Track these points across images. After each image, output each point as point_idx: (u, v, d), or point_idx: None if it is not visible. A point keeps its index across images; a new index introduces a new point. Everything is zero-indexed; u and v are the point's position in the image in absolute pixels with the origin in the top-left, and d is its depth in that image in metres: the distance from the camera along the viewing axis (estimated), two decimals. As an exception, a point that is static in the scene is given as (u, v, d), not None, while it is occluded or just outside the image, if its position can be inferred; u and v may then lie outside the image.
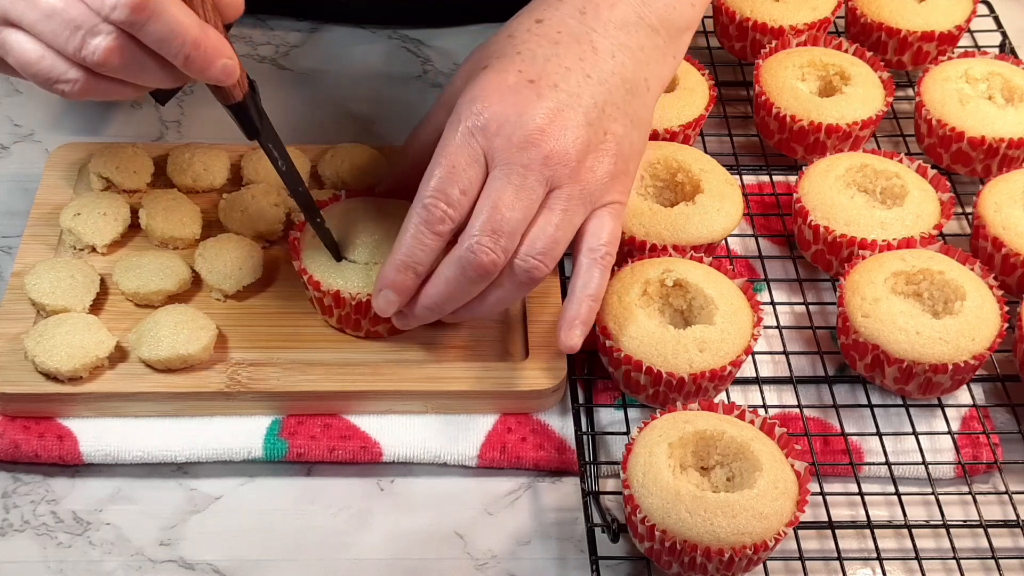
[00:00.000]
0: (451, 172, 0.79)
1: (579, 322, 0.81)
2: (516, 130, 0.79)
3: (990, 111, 0.99)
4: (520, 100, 0.80)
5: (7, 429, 0.82)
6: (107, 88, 0.72)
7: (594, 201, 0.82)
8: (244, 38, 1.14)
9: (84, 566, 0.78)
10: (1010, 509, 0.82)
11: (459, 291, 0.81)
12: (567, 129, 0.80)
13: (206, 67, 0.71)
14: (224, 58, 0.72)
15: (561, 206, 0.80)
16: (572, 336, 0.80)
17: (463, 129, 0.80)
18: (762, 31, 1.08)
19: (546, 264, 0.80)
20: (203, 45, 0.70)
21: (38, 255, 0.90)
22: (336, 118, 1.07)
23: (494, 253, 0.78)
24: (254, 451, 0.82)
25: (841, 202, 0.93)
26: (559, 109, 0.80)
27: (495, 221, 0.78)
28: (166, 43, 0.70)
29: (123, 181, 0.95)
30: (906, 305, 0.86)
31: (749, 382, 0.88)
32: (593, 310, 0.82)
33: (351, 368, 0.85)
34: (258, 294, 0.90)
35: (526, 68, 0.82)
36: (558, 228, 0.80)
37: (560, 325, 0.81)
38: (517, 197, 0.79)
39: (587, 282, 0.82)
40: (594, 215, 0.83)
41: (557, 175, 0.80)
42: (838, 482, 0.84)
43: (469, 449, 0.83)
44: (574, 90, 0.82)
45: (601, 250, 0.82)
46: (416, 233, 0.80)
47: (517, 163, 0.79)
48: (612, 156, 0.82)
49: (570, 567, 0.79)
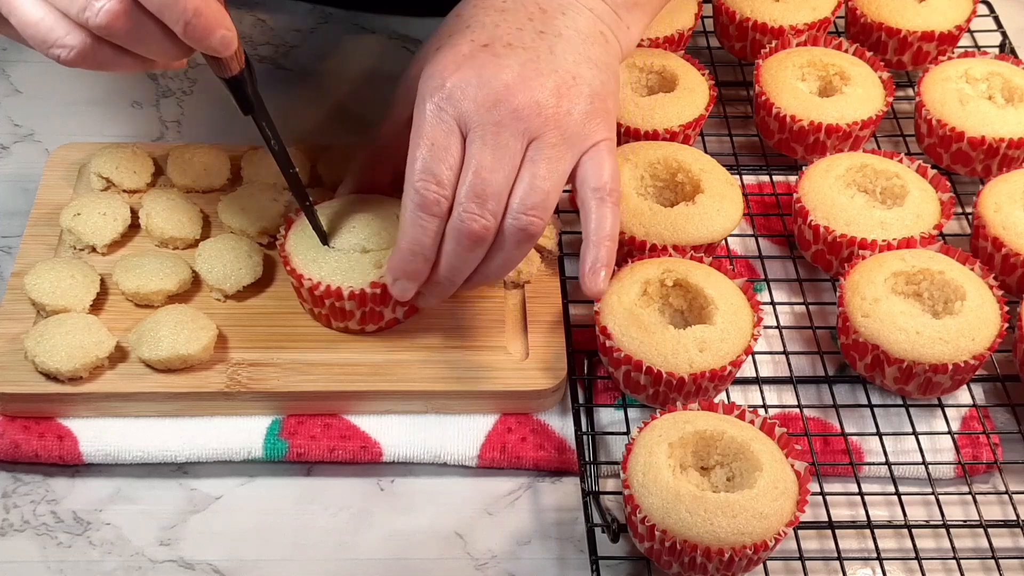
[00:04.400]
0: (432, 151, 0.79)
1: (601, 265, 0.80)
2: (480, 91, 0.79)
3: (990, 111, 0.99)
4: (478, 63, 0.80)
5: (7, 429, 0.82)
6: (104, 57, 0.72)
7: (580, 143, 0.81)
8: (244, 38, 1.13)
9: (84, 566, 0.78)
10: (1010, 509, 0.82)
11: (461, 261, 0.80)
12: (531, 79, 0.80)
13: (206, 36, 0.71)
14: (223, 29, 0.72)
15: (544, 155, 0.80)
16: (597, 281, 0.80)
17: (430, 106, 0.80)
18: (762, 31, 1.08)
19: (539, 217, 0.79)
20: (204, 13, 0.70)
21: (38, 255, 0.90)
22: (336, 118, 1.07)
23: (483, 218, 0.78)
24: (254, 451, 0.82)
25: (841, 202, 0.93)
26: (520, 63, 0.80)
27: (478, 186, 0.78)
28: (169, 8, 0.70)
29: (123, 181, 0.95)
30: (906, 305, 0.86)
31: (749, 382, 0.88)
32: (612, 251, 0.81)
33: (351, 368, 0.85)
34: (258, 294, 0.90)
35: (477, 36, 0.82)
36: (545, 179, 0.79)
37: (582, 272, 0.80)
38: (496, 157, 0.78)
39: (600, 223, 0.81)
40: (587, 156, 0.82)
41: (533, 126, 0.79)
42: (838, 482, 0.84)
43: (469, 449, 0.83)
44: (529, 45, 0.81)
45: (607, 187, 0.81)
46: (414, 219, 0.79)
47: (489, 122, 0.78)
48: (586, 96, 0.81)
49: (570, 567, 0.79)
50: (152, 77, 1.09)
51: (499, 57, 0.80)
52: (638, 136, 0.97)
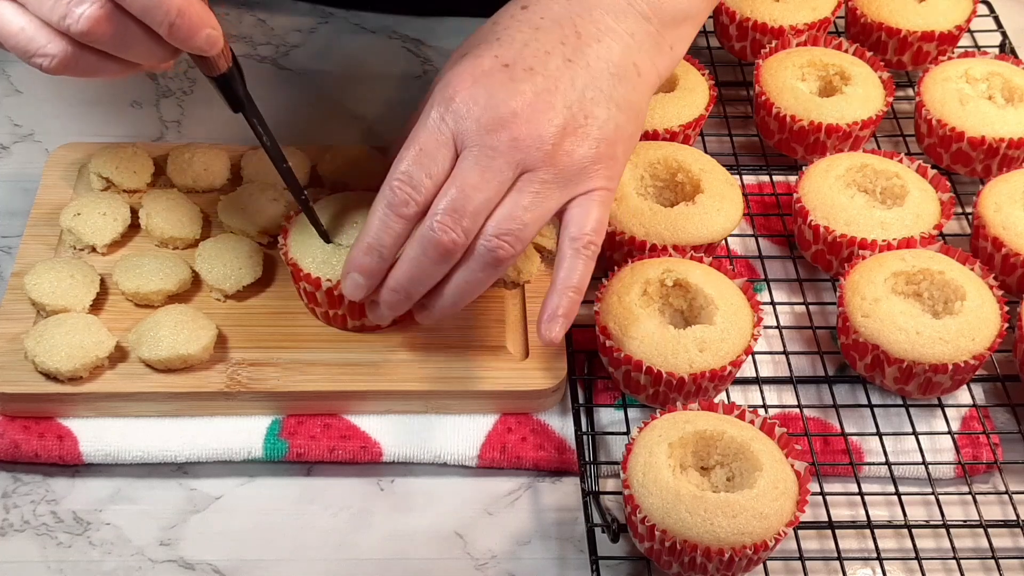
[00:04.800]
0: (418, 156, 0.78)
1: (560, 315, 0.78)
2: (485, 112, 0.78)
3: (990, 111, 0.99)
4: (492, 83, 0.79)
5: (7, 429, 0.82)
6: (87, 64, 0.71)
7: (573, 186, 0.80)
8: (244, 38, 1.14)
9: (84, 566, 0.78)
10: (1010, 509, 0.82)
11: (422, 272, 0.79)
12: (541, 112, 0.79)
13: (191, 36, 0.71)
14: (208, 28, 0.72)
15: (532, 188, 0.78)
16: (552, 329, 0.78)
17: (434, 113, 0.79)
18: (762, 31, 1.08)
19: (511, 245, 0.78)
20: (187, 13, 0.70)
21: (38, 255, 0.90)
22: (336, 118, 1.07)
23: (454, 232, 0.77)
24: (254, 451, 0.82)
25: (841, 202, 0.93)
26: (535, 92, 0.79)
27: (458, 201, 0.77)
28: (151, 11, 0.69)
29: (123, 181, 0.95)
30: (906, 305, 0.86)
31: (749, 382, 0.88)
32: (575, 302, 0.79)
33: (351, 368, 0.85)
34: (258, 294, 0.90)
35: (502, 53, 0.81)
36: (526, 210, 0.78)
37: (540, 318, 0.79)
38: (483, 179, 0.77)
39: (569, 274, 0.79)
40: (576, 202, 0.80)
41: (529, 158, 0.78)
42: (838, 482, 0.84)
43: (469, 449, 0.83)
44: (552, 73, 0.80)
45: (584, 239, 0.79)
46: (382, 216, 0.79)
47: (486, 145, 0.77)
48: (594, 140, 0.80)
49: (570, 567, 0.79)
50: (152, 77, 1.09)
51: (515, 81, 0.79)
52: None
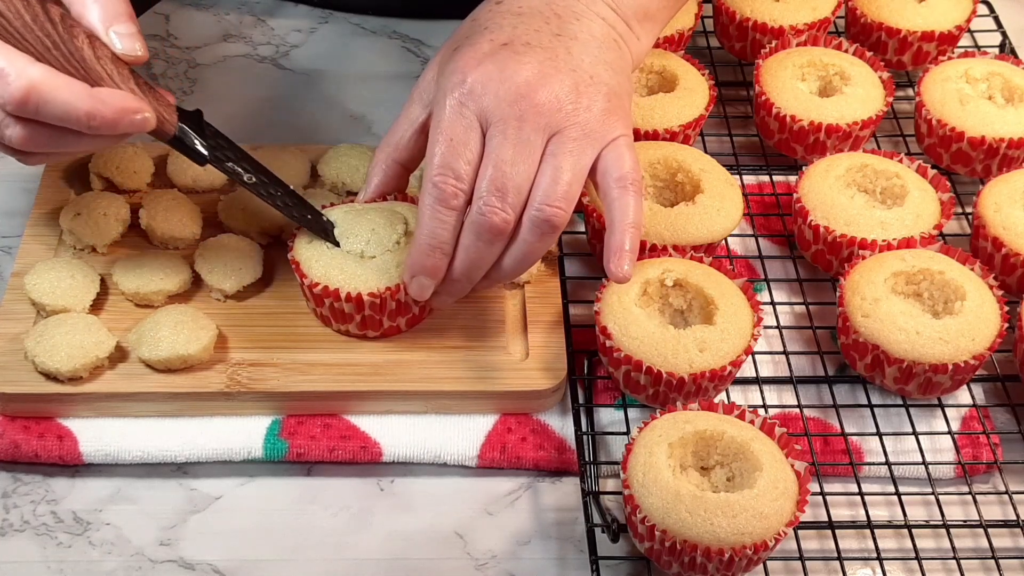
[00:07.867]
0: (451, 145, 0.79)
1: (627, 250, 0.80)
2: (502, 86, 0.80)
3: (990, 111, 0.99)
4: (499, 59, 0.81)
5: (7, 429, 0.82)
6: (40, 157, 0.78)
7: (600, 139, 0.82)
8: (244, 38, 1.14)
9: (84, 566, 0.78)
10: (1010, 509, 0.82)
11: (480, 257, 0.81)
12: (551, 76, 0.80)
13: (113, 128, 0.74)
14: (130, 114, 0.74)
15: (566, 149, 0.80)
16: (622, 266, 0.80)
17: (451, 101, 0.80)
18: (762, 31, 1.08)
19: (562, 208, 0.79)
20: (99, 113, 0.73)
21: (38, 255, 0.90)
22: (336, 118, 1.07)
23: (503, 211, 0.79)
24: (254, 451, 0.82)
25: (841, 202, 0.93)
26: (539, 61, 0.81)
27: (498, 180, 0.78)
28: (65, 121, 0.73)
29: (123, 181, 0.95)
30: (906, 305, 0.86)
31: (749, 382, 0.88)
32: (637, 238, 0.81)
33: (351, 368, 0.85)
34: (258, 294, 0.90)
35: (496, 36, 0.83)
36: (567, 171, 0.80)
37: (607, 256, 0.80)
38: (517, 151, 0.79)
39: (624, 212, 0.81)
40: (607, 150, 0.82)
41: (554, 121, 0.80)
42: (838, 482, 0.84)
43: (469, 449, 0.83)
44: (547, 45, 0.82)
45: (628, 176, 0.81)
46: (432, 213, 0.80)
47: (511, 117, 0.79)
48: (604, 95, 0.82)
49: (570, 567, 0.79)
50: (152, 77, 1.09)
51: (519, 55, 0.81)
52: (638, 136, 0.97)
